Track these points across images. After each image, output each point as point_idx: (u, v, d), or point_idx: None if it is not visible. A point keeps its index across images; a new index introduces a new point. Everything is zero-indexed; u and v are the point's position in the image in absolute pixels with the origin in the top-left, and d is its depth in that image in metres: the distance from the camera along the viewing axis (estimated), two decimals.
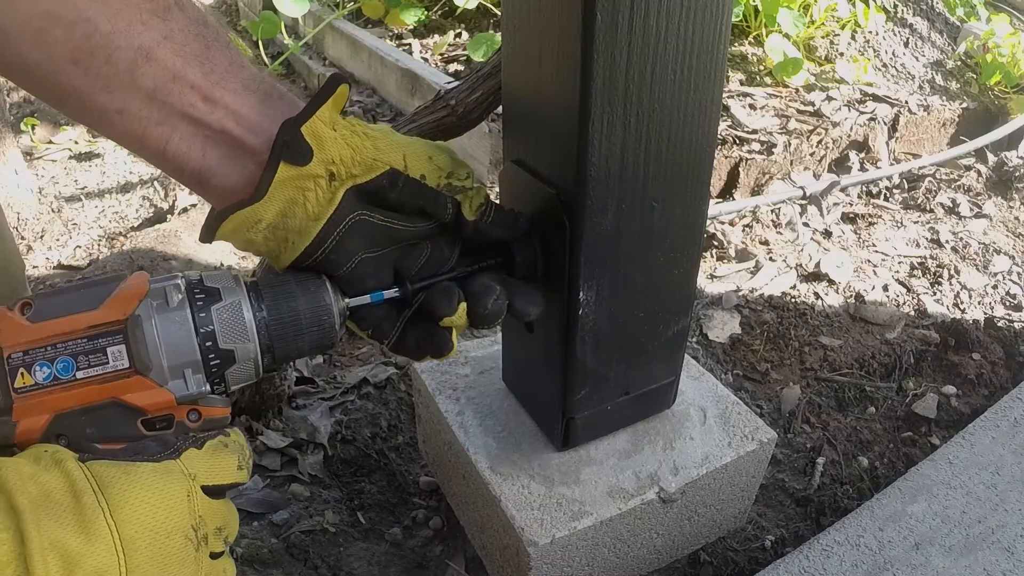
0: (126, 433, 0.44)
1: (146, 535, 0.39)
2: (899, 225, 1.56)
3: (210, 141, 0.46)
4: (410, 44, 2.19)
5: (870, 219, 1.59)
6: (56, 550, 0.35)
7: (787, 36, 2.00)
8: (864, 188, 1.72)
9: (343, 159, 0.48)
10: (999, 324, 1.22)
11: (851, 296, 1.31)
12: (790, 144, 1.70)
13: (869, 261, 1.42)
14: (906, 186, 1.74)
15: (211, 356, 0.46)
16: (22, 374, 0.42)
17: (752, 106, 1.83)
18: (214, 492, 0.44)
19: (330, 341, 0.52)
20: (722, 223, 1.54)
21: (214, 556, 0.44)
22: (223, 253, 1.45)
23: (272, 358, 0.50)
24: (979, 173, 1.73)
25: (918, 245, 1.48)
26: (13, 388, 0.42)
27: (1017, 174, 1.71)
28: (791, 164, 1.72)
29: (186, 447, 0.43)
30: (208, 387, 0.46)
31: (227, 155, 0.47)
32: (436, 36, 2.23)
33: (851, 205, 1.65)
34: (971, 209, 1.61)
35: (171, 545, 0.40)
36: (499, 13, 2.10)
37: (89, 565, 0.36)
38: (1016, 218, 1.59)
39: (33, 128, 1.99)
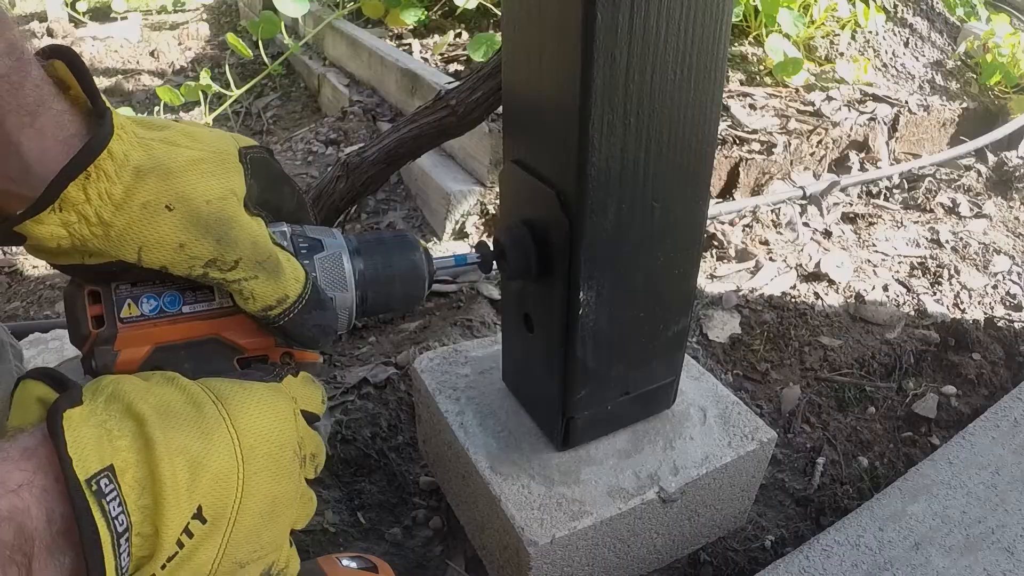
0: (222, 369, 0.46)
1: (264, 445, 0.40)
2: (899, 225, 1.56)
3: None
4: (410, 44, 2.19)
5: (870, 219, 1.59)
6: (183, 455, 0.36)
7: (787, 36, 2.00)
8: (864, 188, 1.72)
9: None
10: (999, 324, 1.22)
11: (851, 296, 1.31)
12: (790, 144, 1.70)
13: (869, 261, 1.42)
14: (906, 186, 1.74)
15: None
16: (129, 305, 0.44)
17: (752, 106, 1.83)
18: (308, 420, 0.46)
19: (419, 296, 0.55)
20: (722, 223, 1.54)
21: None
22: None
23: (364, 309, 0.52)
24: (979, 173, 1.73)
25: (918, 245, 1.48)
26: (119, 318, 0.44)
27: (1017, 174, 1.71)
28: (791, 164, 1.72)
29: (285, 374, 0.46)
30: None
31: None
32: (436, 36, 2.23)
33: (851, 205, 1.65)
34: (971, 209, 1.61)
35: (283, 457, 0.41)
36: (499, 13, 2.10)
37: (212, 469, 0.37)
38: (1016, 218, 1.59)
39: None
